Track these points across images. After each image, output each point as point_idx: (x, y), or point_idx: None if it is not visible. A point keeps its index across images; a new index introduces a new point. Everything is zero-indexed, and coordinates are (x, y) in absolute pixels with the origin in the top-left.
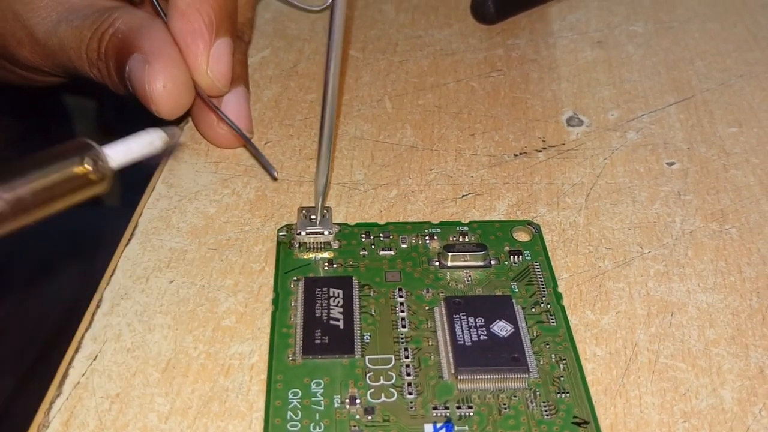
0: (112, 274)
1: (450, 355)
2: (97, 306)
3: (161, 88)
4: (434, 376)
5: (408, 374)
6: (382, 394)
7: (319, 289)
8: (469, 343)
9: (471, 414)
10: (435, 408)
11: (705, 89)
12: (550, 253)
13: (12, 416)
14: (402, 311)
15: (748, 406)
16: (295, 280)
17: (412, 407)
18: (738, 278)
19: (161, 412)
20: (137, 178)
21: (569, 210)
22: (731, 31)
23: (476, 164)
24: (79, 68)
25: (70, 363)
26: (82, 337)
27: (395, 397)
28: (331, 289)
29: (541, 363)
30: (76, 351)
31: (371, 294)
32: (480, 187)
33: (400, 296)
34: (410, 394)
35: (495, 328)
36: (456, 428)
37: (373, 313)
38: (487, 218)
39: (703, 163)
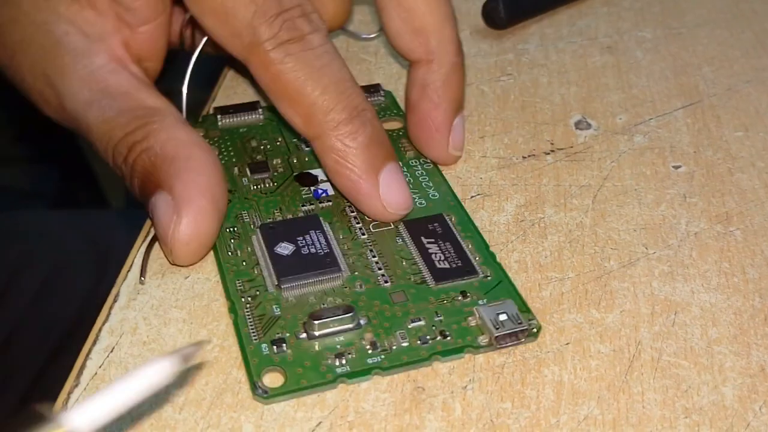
0: (129, 270)
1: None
2: (114, 300)
3: (185, 244)
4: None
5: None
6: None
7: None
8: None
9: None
10: None
11: (712, 94)
12: (555, 253)
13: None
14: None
15: (749, 403)
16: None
17: None
18: (741, 279)
19: (176, 402)
20: None
21: (576, 211)
22: (739, 37)
23: (485, 166)
24: (102, 157)
25: (87, 355)
26: (100, 329)
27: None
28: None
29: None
30: (94, 343)
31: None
32: (489, 189)
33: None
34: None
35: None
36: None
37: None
38: (494, 218)
39: (708, 167)
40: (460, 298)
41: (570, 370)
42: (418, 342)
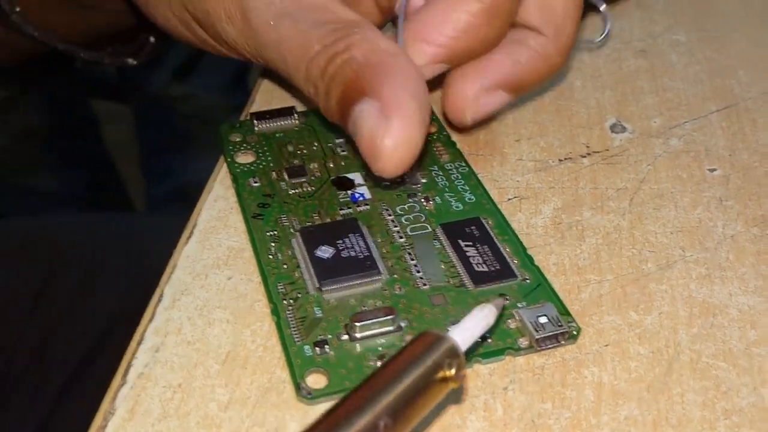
0: (172, 272)
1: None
2: (159, 301)
3: (393, 150)
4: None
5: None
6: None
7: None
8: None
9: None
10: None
11: (747, 98)
12: (593, 256)
13: (60, 419)
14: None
15: None
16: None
17: None
18: None
19: (221, 401)
20: (160, 185)
21: (613, 214)
22: None
23: (522, 169)
24: (291, 75)
25: (134, 354)
26: (145, 330)
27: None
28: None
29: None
30: (139, 343)
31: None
32: (525, 191)
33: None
34: None
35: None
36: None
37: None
38: (532, 221)
39: (744, 170)
40: None
41: (610, 372)
42: None
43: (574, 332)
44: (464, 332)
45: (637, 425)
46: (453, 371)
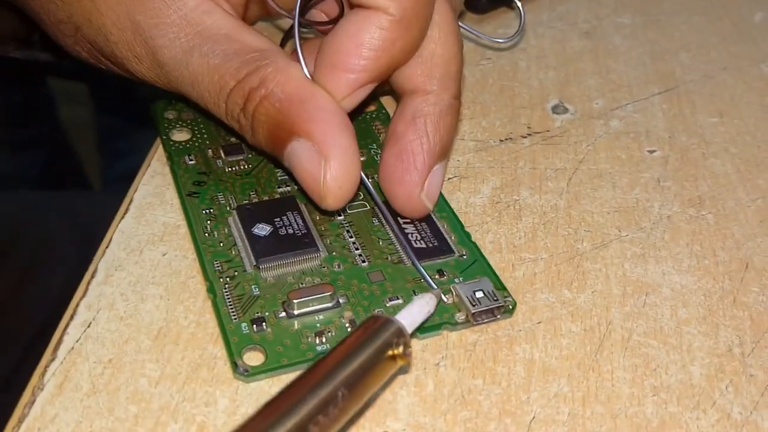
0: (107, 246)
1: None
2: (92, 276)
3: (339, 188)
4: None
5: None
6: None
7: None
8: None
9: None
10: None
11: (688, 80)
12: (529, 234)
13: (14, 390)
14: None
15: (716, 381)
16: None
17: None
18: (712, 261)
19: (152, 377)
20: (115, 163)
21: (551, 194)
22: (716, 24)
23: (463, 149)
24: (210, 110)
25: (64, 330)
26: (77, 305)
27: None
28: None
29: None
30: (71, 318)
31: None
32: (465, 171)
33: None
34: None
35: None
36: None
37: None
38: (470, 200)
39: (683, 152)
40: (437, 276)
41: (541, 348)
42: None
43: (510, 306)
44: (408, 317)
45: (567, 401)
46: (401, 349)
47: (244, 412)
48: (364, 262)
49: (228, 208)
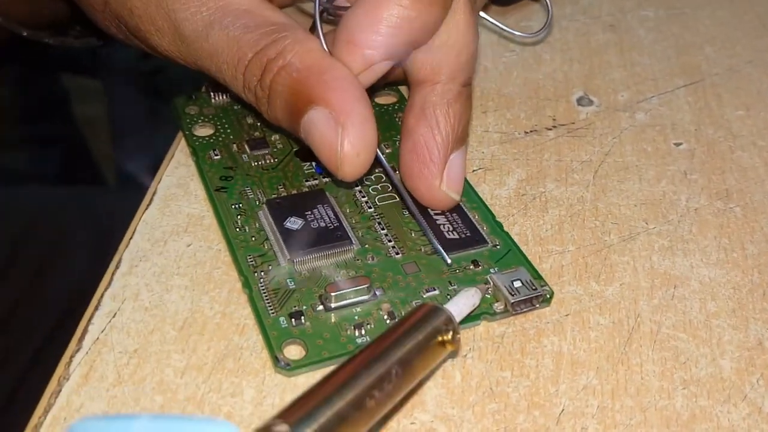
0: (131, 237)
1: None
2: (117, 267)
3: (356, 156)
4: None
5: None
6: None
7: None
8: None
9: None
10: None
11: (714, 74)
12: (556, 227)
13: (34, 379)
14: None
15: (746, 375)
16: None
17: None
18: (740, 255)
19: (177, 367)
20: (133, 159)
21: (577, 186)
22: (741, 18)
23: (487, 140)
24: (229, 84)
25: (89, 320)
26: (102, 295)
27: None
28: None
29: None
30: (96, 309)
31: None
32: (490, 163)
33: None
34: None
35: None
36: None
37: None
38: (496, 192)
39: (709, 145)
40: (471, 267)
41: (569, 341)
42: None
43: (548, 296)
44: (455, 307)
45: (596, 394)
46: (450, 336)
47: (270, 402)
48: (397, 254)
49: (257, 203)
